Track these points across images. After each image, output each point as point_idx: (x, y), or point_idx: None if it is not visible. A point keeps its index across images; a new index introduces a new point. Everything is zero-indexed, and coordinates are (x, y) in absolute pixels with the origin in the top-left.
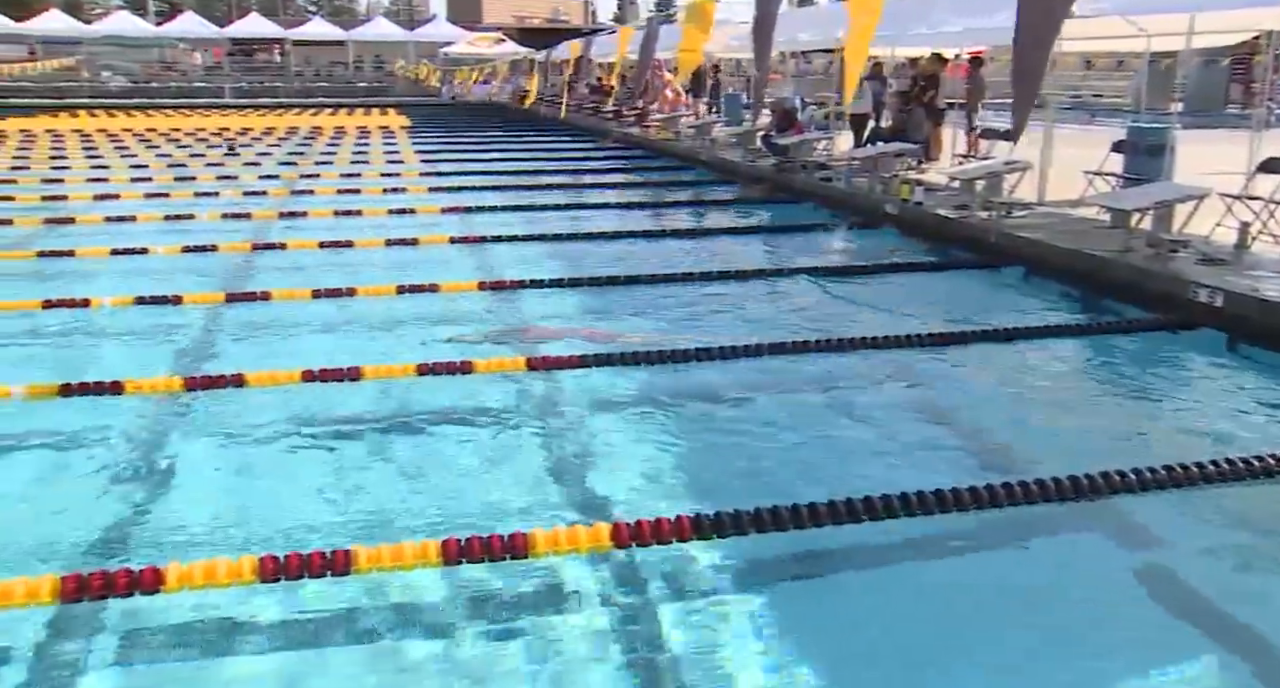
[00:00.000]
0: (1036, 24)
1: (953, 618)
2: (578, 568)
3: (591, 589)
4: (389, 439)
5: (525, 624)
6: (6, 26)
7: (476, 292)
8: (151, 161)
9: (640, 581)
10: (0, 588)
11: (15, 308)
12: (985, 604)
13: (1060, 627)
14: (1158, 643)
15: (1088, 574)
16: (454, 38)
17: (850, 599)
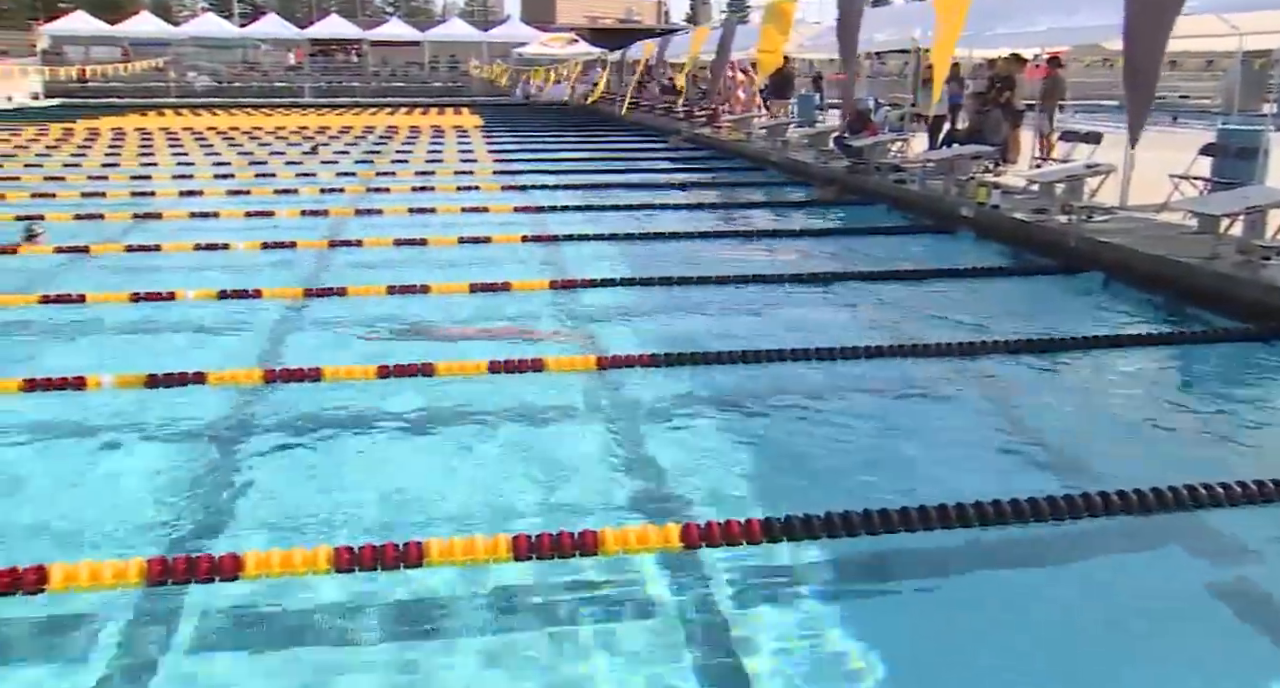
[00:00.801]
0: (1147, 23)
1: (1026, 629)
2: (647, 567)
3: (659, 589)
4: (462, 434)
5: (592, 622)
6: (101, 29)
7: (548, 290)
8: (234, 159)
9: (708, 582)
10: (90, 569)
11: (106, 300)
12: (1060, 617)
13: (1138, 640)
14: (1239, 659)
15: (1167, 589)
16: (527, 38)
17: (919, 608)
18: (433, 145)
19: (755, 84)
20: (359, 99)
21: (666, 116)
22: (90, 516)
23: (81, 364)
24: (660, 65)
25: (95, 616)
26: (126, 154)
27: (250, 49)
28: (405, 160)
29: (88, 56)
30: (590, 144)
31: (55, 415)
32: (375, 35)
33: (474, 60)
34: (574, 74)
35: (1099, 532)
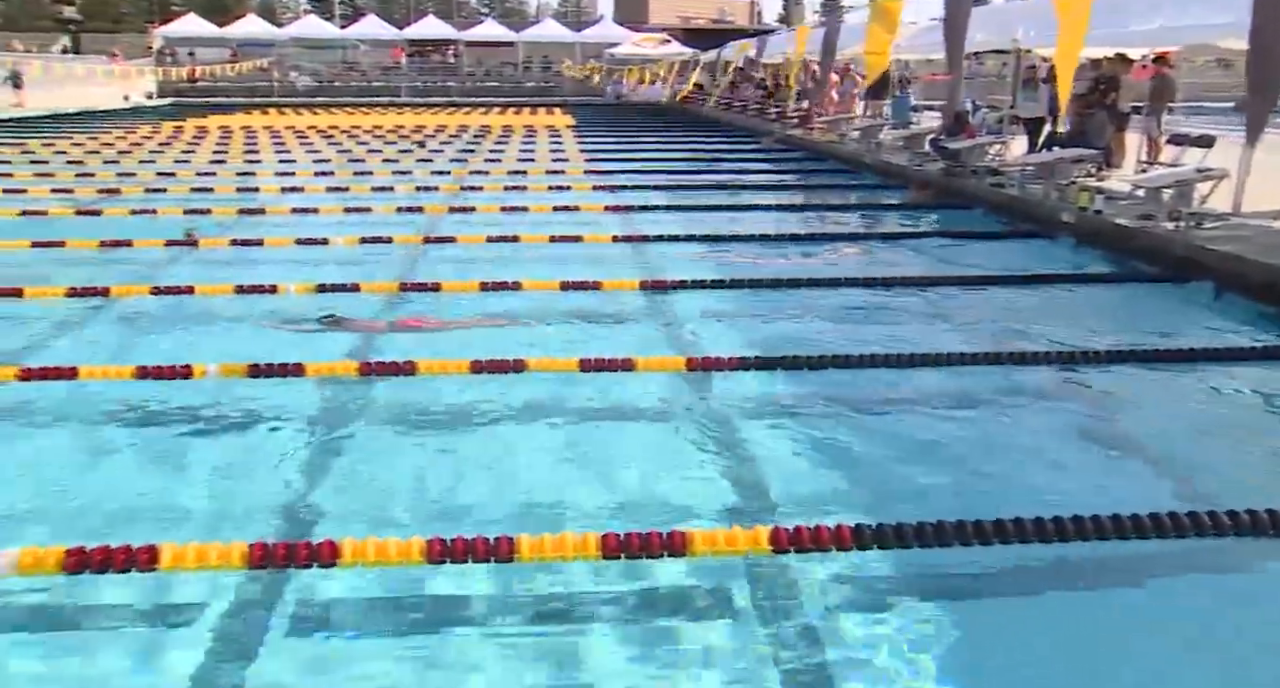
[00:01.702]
0: (1275, 20)
1: (1118, 649)
2: (733, 570)
3: (744, 593)
4: (552, 431)
5: (676, 623)
6: (210, 31)
7: (637, 290)
8: (333, 157)
9: (795, 588)
10: (196, 551)
11: (212, 292)
12: (1153, 638)
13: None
14: None
15: (1270, 614)
16: (620, 38)
17: (1011, 624)
18: (525, 145)
19: (859, 84)
20: (454, 99)
21: (759, 117)
22: (196, 499)
23: (189, 353)
24: (754, 65)
25: (199, 596)
26: (232, 151)
27: (350, 49)
28: (498, 159)
29: (195, 57)
30: (681, 144)
31: (164, 402)
32: (470, 36)
33: (566, 61)
34: (666, 74)
35: (1205, 552)
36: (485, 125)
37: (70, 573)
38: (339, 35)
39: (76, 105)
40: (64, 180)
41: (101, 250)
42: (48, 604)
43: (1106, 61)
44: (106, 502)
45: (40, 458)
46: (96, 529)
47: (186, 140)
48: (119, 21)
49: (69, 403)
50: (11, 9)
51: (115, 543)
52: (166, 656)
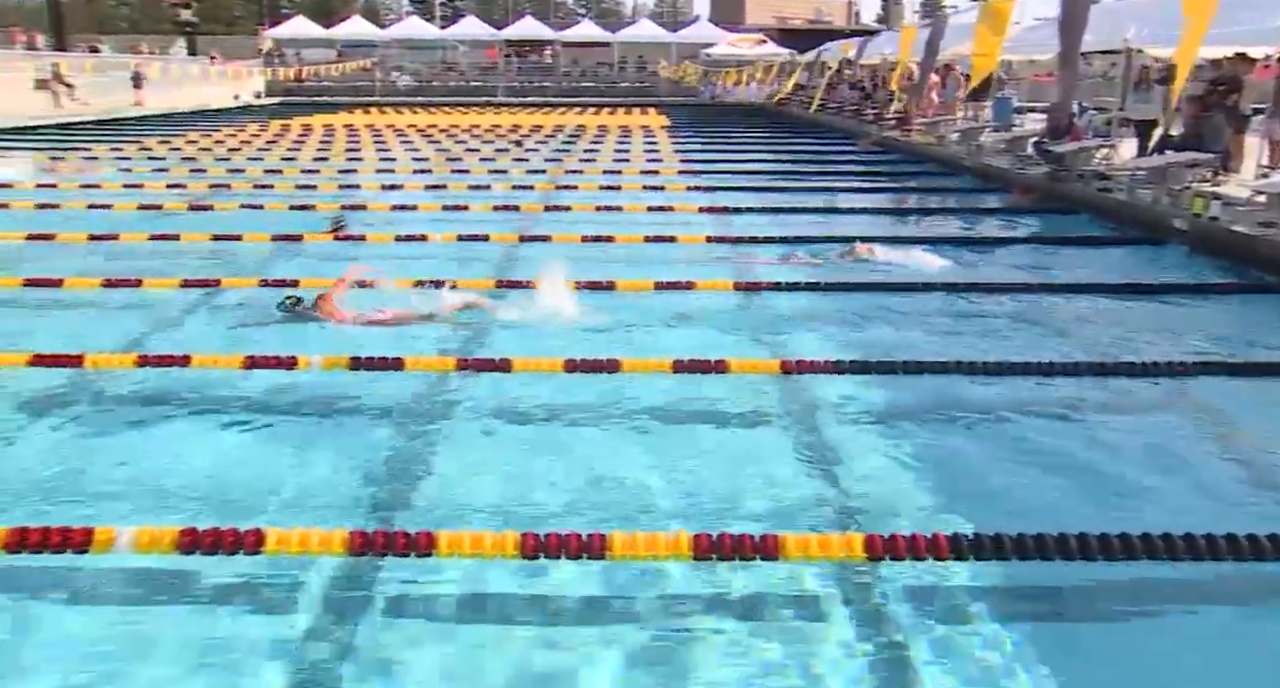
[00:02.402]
0: None
1: (1219, 674)
2: (826, 575)
3: (836, 598)
4: (644, 431)
5: (767, 626)
6: (316, 32)
7: (731, 291)
8: (431, 155)
9: (888, 596)
10: (300, 536)
11: (316, 286)
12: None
13: None
14: None
15: None
16: (715, 39)
17: (1110, 645)
18: (620, 144)
19: (961, 86)
20: (549, 98)
21: (856, 119)
22: (300, 486)
23: (294, 345)
24: (852, 66)
25: (301, 579)
26: (335, 149)
27: (449, 50)
28: (593, 159)
29: (301, 58)
30: (777, 145)
31: (270, 392)
32: (567, 36)
33: (661, 61)
34: (763, 76)
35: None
36: (580, 125)
37: (183, 552)
38: (439, 36)
39: (191, 105)
40: (178, 176)
41: (213, 243)
42: (161, 580)
43: (1227, 61)
44: (214, 486)
45: (154, 442)
46: (204, 511)
47: (292, 138)
48: (232, 24)
49: (182, 389)
50: (135, 13)
51: (223, 525)
52: (263, 634)
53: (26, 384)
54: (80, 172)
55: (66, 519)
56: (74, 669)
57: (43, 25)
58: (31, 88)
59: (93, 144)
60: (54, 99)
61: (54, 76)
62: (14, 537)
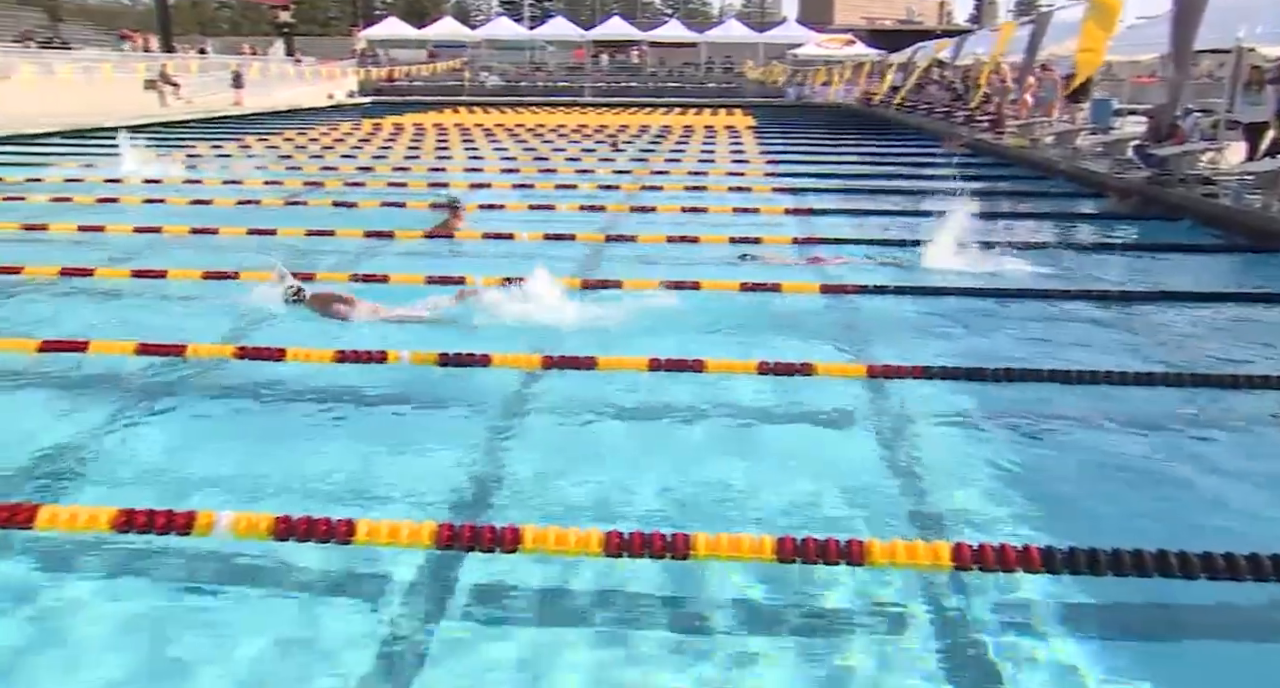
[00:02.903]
0: None
1: None
2: (911, 583)
3: (921, 608)
4: (729, 432)
5: (850, 632)
6: (408, 32)
7: (818, 294)
8: (519, 154)
9: (973, 608)
10: (389, 527)
11: (405, 281)
12: None
13: None
14: None
15: None
16: (803, 39)
17: (1215, 668)
18: (705, 145)
19: (1059, 87)
20: (635, 98)
21: (945, 120)
22: (391, 478)
23: (382, 339)
24: (943, 67)
25: (389, 568)
26: (425, 148)
27: (537, 50)
28: (678, 159)
29: (392, 58)
30: (864, 147)
31: (361, 384)
32: (654, 36)
33: (748, 61)
34: (854, 76)
35: None
36: (666, 125)
37: (277, 539)
38: (527, 36)
39: (287, 104)
40: (275, 172)
41: (307, 239)
42: (255, 564)
43: None
44: (308, 476)
45: (250, 430)
46: (295, 501)
47: (384, 137)
48: (327, 25)
49: (277, 382)
50: (235, 15)
51: (317, 515)
52: (350, 622)
53: (134, 371)
54: (184, 168)
55: (167, 502)
56: (168, 647)
57: (152, 28)
58: (141, 88)
59: (196, 142)
60: (160, 98)
61: (161, 77)
62: (121, 518)
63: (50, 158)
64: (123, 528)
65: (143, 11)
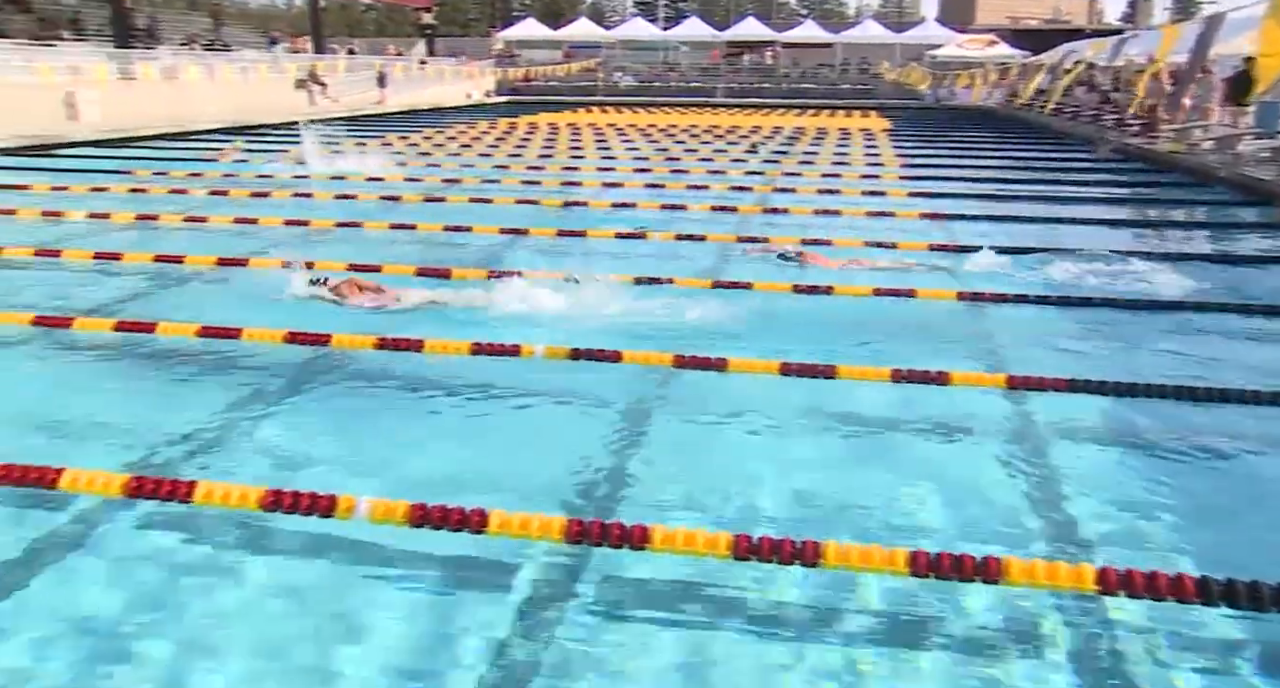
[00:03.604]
0: None
1: None
2: (1049, 604)
3: (1060, 632)
4: (860, 440)
5: (982, 653)
6: (544, 33)
7: (955, 301)
8: (651, 155)
9: (1117, 636)
10: (520, 520)
11: (539, 277)
12: None
13: None
14: None
15: None
16: (942, 40)
17: None
18: (839, 147)
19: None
20: (768, 100)
21: (1094, 124)
22: (522, 469)
23: (516, 333)
24: (1092, 68)
25: (513, 560)
26: (559, 147)
27: (671, 51)
28: (811, 162)
29: (529, 59)
30: (1006, 151)
31: (497, 377)
32: (789, 37)
33: (885, 62)
34: (999, 78)
35: None
36: (799, 127)
37: (413, 526)
38: (661, 37)
39: (428, 103)
40: (415, 169)
41: (445, 234)
42: (390, 549)
43: None
44: (439, 464)
45: (388, 419)
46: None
47: (519, 136)
48: (466, 26)
49: (413, 373)
50: (380, 17)
51: (450, 503)
52: (472, 612)
53: (283, 360)
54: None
55: (307, 485)
56: (300, 627)
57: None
58: (292, 87)
59: (341, 139)
60: (309, 97)
61: (310, 77)
62: (269, 497)
63: (210, 153)
64: (270, 507)
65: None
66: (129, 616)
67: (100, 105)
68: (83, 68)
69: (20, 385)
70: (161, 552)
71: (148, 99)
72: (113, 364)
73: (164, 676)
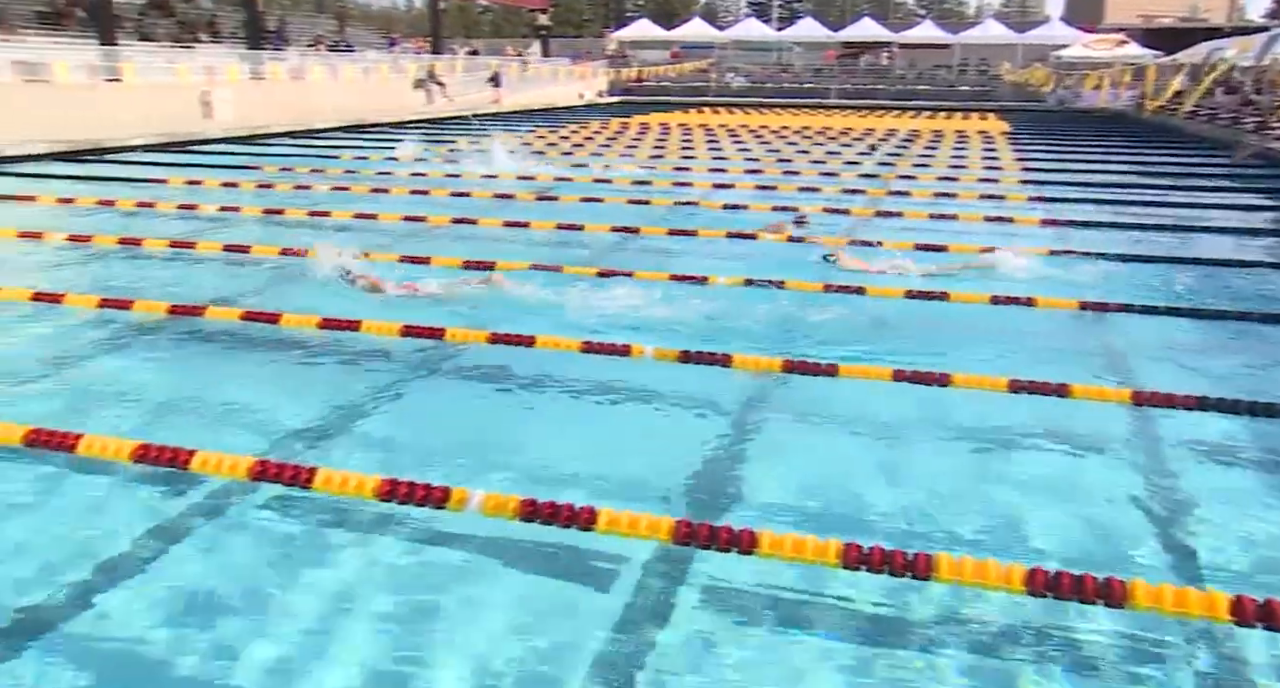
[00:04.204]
0: None
1: None
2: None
3: (1188, 661)
4: (974, 452)
5: (1101, 677)
6: (657, 34)
7: (1076, 310)
8: (762, 156)
9: (1253, 669)
10: (629, 518)
11: (649, 278)
12: None
13: None
14: None
15: None
16: (1068, 39)
17: None
18: (956, 151)
19: None
20: (882, 101)
21: (1232, 128)
22: (628, 469)
23: (625, 332)
24: (1239, 69)
25: (623, 557)
26: (670, 147)
27: (784, 51)
28: (926, 165)
29: (642, 59)
30: (1134, 156)
31: (608, 377)
32: (905, 38)
33: (1006, 63)
34: (1129, 79)
35: None
36: (914, 130)
37: (523, 520)
38: (775, 37)
39: (541, 103)
40: (529, 168)
41: (557, 232)
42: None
43: None
44: (547, 460)
45: (498, 414)
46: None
47: (631, 136)
48: (580, 27)
49: (525, 367)
50: (496, 18)
51: (560, 500)
52: (580, 608)
53: (399, 351)
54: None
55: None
56: (403, 614)
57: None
58: (411, 87)
59: (456, 137)
60: (427, 96)
61: (429, 76)
62: (385, 487)
63: (334, 150)
64: (385, 496)
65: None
66: (245, 592)
67: (232, 104)
68: (217, 68)
69: (156, 370)
70: (277, 533)
71: (275, 98)
72: (239, 351)
73: (269, 652)
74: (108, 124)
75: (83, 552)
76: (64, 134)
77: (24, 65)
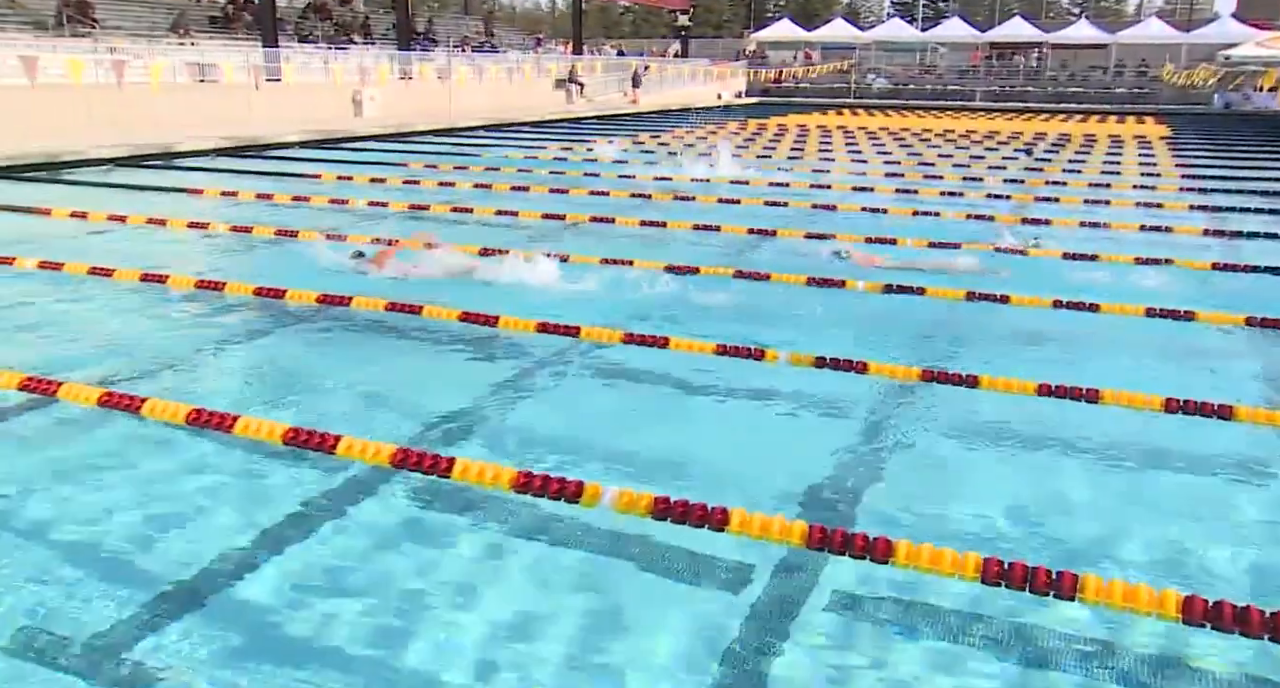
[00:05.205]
0: None
1: None
2: None
3: None
4: (1130, 472)
5: None
6: (797, 34)
7: (1242, 326)
8: (903, 159)
9: None
10: (761, 521)
11: (788, 281)
12: None
13: None
14: None
15: None
16: (1240, 38)
17: None
18: (1109, 156)
19: None
20: (1030, 104)
21: None
22: (762, 471)
23: (763, 337)
24: None
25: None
26: (808, 149)
27: (929, 52)
28: (1078, 170)
29: (781, 59)
30: None
31: (739, 379)
32: (1058, 38)
33: (1167, 64)
34: None
35: None
36: (1064, 133)
37: (655, 518)
38: (919, 38)
39: (679, 103)
40: (665, 168)
41: (694, 233)
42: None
43: None
44: (679, 458)
45: (630, 411)
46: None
47: (768, 137)
48: (719, 28)
49: (657, 368)
50: (636, 18)
51: (693, 500)
52: (735, 608)
53: (535, 347)
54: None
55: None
56: (531, 602)
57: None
58: (551, 87)
59: (594, 136)
60: (567, 96)
61: (570, 76)
62: (521, 479)
63: (478, 148)
64: (521, 488)
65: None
66: (380, 578)
67: (380, 103)
68: (368, 69)
69: (303, 358)
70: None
71: (421, 97)
72: (382, 341)
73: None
74: (268, 121)
75: (242, 524)
76: (229, 131)
77: (196, 66)
